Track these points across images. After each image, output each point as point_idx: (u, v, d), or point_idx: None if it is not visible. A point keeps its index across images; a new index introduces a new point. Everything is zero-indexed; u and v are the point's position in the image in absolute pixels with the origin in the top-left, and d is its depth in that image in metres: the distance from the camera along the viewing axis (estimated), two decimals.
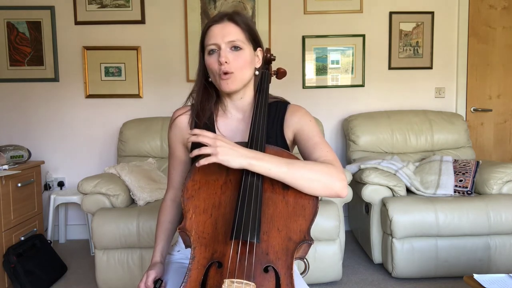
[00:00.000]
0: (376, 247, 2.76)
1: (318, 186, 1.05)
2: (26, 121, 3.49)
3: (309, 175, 1.05)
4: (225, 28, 1.21)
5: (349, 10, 3.52)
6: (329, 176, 1.06)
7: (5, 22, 3.39)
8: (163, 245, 1.30)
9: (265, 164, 1.03)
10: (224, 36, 1.19)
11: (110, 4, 3.42)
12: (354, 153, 3.29)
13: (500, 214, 2.50)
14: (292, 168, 1.04)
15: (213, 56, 1.21)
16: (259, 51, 1.29)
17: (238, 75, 1.21)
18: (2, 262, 2.51)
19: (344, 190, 1.08)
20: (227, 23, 1.22)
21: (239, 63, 1.20)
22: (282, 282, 0.97)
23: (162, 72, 3.50)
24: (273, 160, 1.04)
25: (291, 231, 1.02)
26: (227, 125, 1.30)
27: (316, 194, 1.07)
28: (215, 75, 1.22)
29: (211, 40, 1.21)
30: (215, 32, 1.21)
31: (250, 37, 1.25)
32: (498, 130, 3.70)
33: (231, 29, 1.21)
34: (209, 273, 0.98)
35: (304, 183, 1.04)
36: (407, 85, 3.61)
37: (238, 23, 1.22)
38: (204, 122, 1.28)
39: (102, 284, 2.47)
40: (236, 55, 1.20)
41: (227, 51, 1.20)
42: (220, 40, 1.19)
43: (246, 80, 1.25)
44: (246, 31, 1.23)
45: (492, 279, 1.54)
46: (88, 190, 2.51)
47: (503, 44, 3.63)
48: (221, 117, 1.31)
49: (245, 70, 1.23)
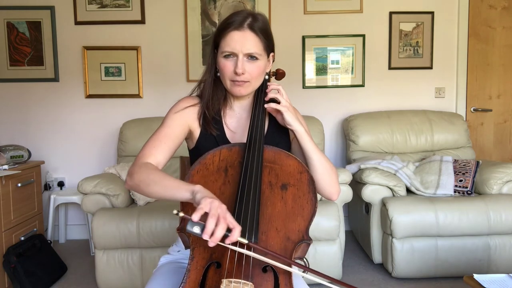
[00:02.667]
0: (376, 247, 2.75)
1: (326, 178, 1.20)
2: (26, 121, 3.49)
3: (326, 164, 1.20)
4: (245, 37, 1.17)
5: (349, 10, 3.51)
6: (335, 176, 1.23)
7: (5, 22, 3.39)
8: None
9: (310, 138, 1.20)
10: (243, 46, 1.17)
11: (110, 4, 3.42)
12: (354, 153, 3.28)
13: (500, 214, 2.50)
14: (321, 152, 1.21)
15: (229, 60, 1.19)
16: (271, 56, 1.29)
17: (253, 83, 1.22)
18: (2, 262, 2.51)
19: (338, 195, 1.24)
20: (247, 31, 1.18)
21: (254, 73, 1.20)
22: (281, 282, 0.97)
23: (162, 72, 3.50)
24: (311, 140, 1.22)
25: (290, 231, 1.02)
26: (233, 121, 1.31)
27: (319, 184, 1.19)
28: (227, 79, 1.22)
29: (229, 47, 1.18)
30: (234, 40, 1.17)
31: (267, 45, 1.23)
32: (498, 130, 3.70)
33: (250, 40, 1.18)
34: (208, 274, 0.98)
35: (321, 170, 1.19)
36: (407, 85, 3.61)
37: (258, 33, 1.19)
38: (213, 116, 1.27)
39: (102, 284, 2.47)
40: (252, 64, 1.19)
41: (244, 60, 1.18)
42: (238, 49, 1.17)
43: (257, 86, 1.27)
44: (264, 41, 1.21)
45: (492, 279, 1.54)
46: (88, 190, 2.51)
47: (503, 44, 3.62)
48: (228, 113, 1.32)
49: (260, 78, 1.24)
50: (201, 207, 0.87)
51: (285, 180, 1.08)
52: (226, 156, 1.12)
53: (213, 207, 0.87)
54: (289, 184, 1.08)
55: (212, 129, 1.25)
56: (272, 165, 1.11)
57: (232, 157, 1.12)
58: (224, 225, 0.86)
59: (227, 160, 1.11)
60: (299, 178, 1.09)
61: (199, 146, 1.27)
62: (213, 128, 1.25)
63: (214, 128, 1.26)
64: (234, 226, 0.88)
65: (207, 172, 1.09)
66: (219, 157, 1.12)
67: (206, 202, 0.88)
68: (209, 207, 0.87)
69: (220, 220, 0.86)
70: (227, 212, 0.89)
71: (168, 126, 1.23)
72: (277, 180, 1.08)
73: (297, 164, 1.11)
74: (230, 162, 1.11)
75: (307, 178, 1.09)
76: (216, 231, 0.85)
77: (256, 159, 1.08)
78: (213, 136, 1.26)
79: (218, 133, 1.26)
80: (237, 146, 1.14)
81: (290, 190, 1.06)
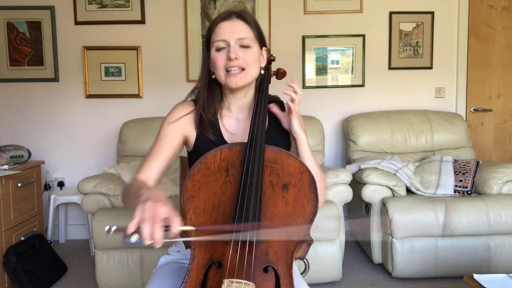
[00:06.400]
0: (376, 247, 2.76)
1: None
2: (26, 121, 3.49)
3: (318, 175, 1.18)
4: (234, 25, 1.20)
5: (349, 10, 3.52)
6: (324, 187, 1.26)
7: (5, 22, 3.39)
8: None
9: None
10: (234, 33, 1.19)
11: (110, 4, 3.42)
12: (354, 153, 3.28)
13: (500, 214, 2.50)
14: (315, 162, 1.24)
15: (221, 52, 1.20)
16: (264, 50, 1.29)
17: (248, 72, 1.21)
18: (2, 262, 2.51)
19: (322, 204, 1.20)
20: (236, 20, 1.21)
21: (248, 59, 1.20)
22: (282, 282, 0.97)
23: (162, 72, 3.50)
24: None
25: (291, 231, 1.02)
26: (231, 123, 1.30)
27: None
28: (221, 71, 1.21)
29: (220, 36, 1.19)
30: (224, 29, 1.20)
31: (258, 35, 1.25)
32: (498, 130, 3.70)
33: (240, 27, 1.20)
34: (208, 274, 0.98)
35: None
36: (407, 85, 3.61)
37: (248, 20, 1.22)
38: (209, 119, 1.27)
39: (102, 284, 2.47)
40: (245, 51, 1.20)
41: (237, 47, 1.19)
42: (229, 37, 1.18)
43: (253, 77, 1.25)
44: (254, 29, 1.23)
45: (492, 279, 1.54)
46: (88, 190, 2.51)
47: (503, 44, 3.62)
48: (225, 115, 1.31)
49: (255, 67, 1.23)
50: (133, 217, 0.85)
51: (286, 180, 1.08)
52: (227, 156, 1.12)
53: (145, 210, 0.85)
54: (290, 184, 1.07)
55: (209, 134, 1.25)
56: (273, 165, 1.10)
57: (233, 157, 1.12)
58: (159, 224, 0.83)
59: (228, 160, 1.11)
60: (300, 178, 1.08)
61: (196, 150, 1.27)
62: (210, 133, 1.25)
63: (211, 132, 1.25)
64: (170, 218, 0.85)
65: (208, 171, 1.09)
66: (220, 157, 1.11)
67: (137, 210, 0.86)
68: (141, 213, 0.85)
69: (155, 220, 0.83)
70: (160, 208, 0.85)
71: (160, 139, 1.27)
72: (278, 180, 1.08)
73: (298, 164, 1.11)
74: (231, 162, 1.11)
75: (308, 178, 1.09)
76: (154, 233, 0.82)
77: (257, 159, 1.08)
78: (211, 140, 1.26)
79: (215, 137, 1.26)
80: (238, 146, 1.14)
81: (291, 190, 1.06)
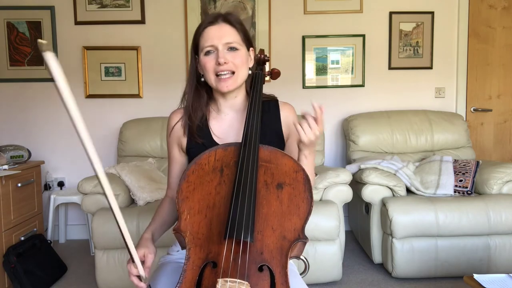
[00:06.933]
0: (376, 247, 2.75)
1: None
2: (26, 121, 3.50)
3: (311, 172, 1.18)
4: (221, 29, 1.21)
5: (349, 10, 3.51)
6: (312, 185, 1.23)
7: (5, 22, 3.40)
8: (156, 227, 1.28)
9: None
10: (221, 38, 1.20)
11: (110, 4, 3.42)
12: (354, 153, 3.28)
13: (500, 214, 2.49)
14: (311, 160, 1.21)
15: (210, 56, 1.22)
16: (251, 51, 1.31)
17: (239, 74, 1.22)
18: (2, 262, 2.51)
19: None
20: (222, 24, 1.22)
21: (237, 62, 1.21)
22: (277, 281, 0.97)
23: (162, 72, 3.51)
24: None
25: (286, 230, 1.02)
26: (221, 125, 1.31)
27: None
28: (211, 74, 1.22)
29: (208, 42, 1.21)
30: (211, 34, 1.21)
31: (245, 37, 1.26)
32: (498, 130, 3.69)
33: (227, 31, 1.21)
34: (204, 273, 0.98)
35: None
36: (407, 85, 3.60)
37: (234, 24, 1.23)
38: (197, 125, 1.28)
39: (102, 284, 2.48)
40: (233, 55, 1.21)
41: (225, 51, 1.20)
42: (217, 42, 1.20)
43: (244, 79, 1.26)
44: (241, 31, 1.25)
45: (492, 279, 1.54)
46: (88, 190, 2.51)
47: (503, 44, 3.61)
48: (214, 118, 1.32)
49: (243, 69, 1.24)
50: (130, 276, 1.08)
51: (281, 179, 1.08)
52: (221, 156, 1.12)
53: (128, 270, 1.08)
54: (284, 183, 1.07)
55: (197, 138, 1.27)
56: (268, 165, 1.10)
57: (228, 157, 1.12)
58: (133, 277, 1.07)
59: (223, 160, 1.11)
60: (295, 177, 1.08)
61: (188, 153, 1.32)
62: (198, 137, 1.27)
63: (199, 136, 1.27)
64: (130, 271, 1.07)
65: (203, 172, 1.09)
66: (214, 157, 1.12)
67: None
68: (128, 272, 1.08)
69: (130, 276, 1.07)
70: (130, 267, 1.07)
71: (169, 154, 1.37)
72: (272, 180, 1.08)
73: (293, 164, 1.11)
74: (225, 162, 1.11)
75: (303, 177, 1.09)
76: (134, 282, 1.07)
77: (251, 159, 1.08)
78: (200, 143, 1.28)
79: (204, 140, 1.27)
80: (233, 146, 1.14)
81: (286, 189, 1.06)
